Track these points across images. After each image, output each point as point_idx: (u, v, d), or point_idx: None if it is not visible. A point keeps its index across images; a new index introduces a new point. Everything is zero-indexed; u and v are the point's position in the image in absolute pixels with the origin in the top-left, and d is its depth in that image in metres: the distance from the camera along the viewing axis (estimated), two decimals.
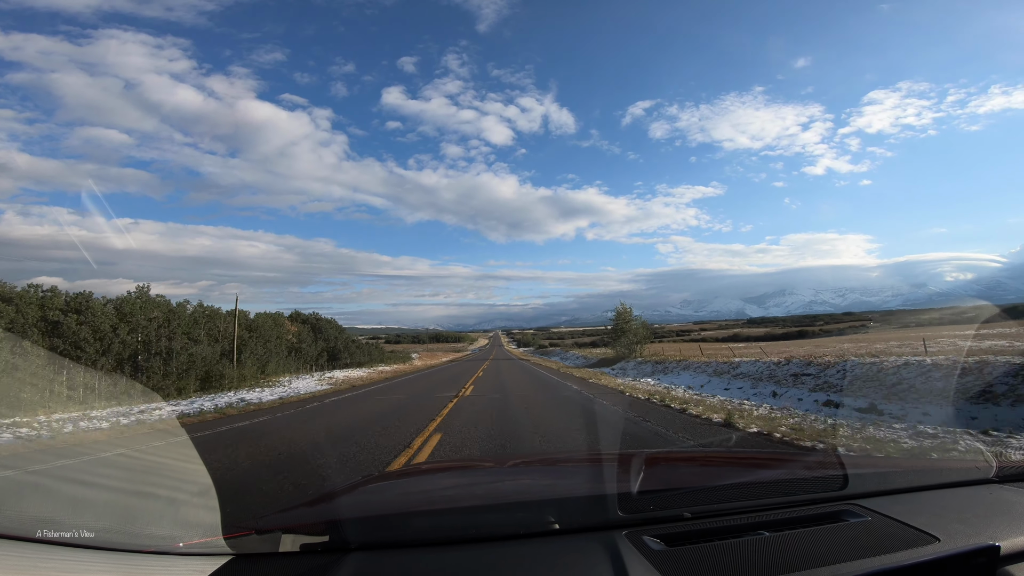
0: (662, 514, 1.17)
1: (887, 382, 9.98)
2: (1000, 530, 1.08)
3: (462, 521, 1.18)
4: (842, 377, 11.59)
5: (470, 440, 6.31)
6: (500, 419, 8.10)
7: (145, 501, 2.91)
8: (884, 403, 9.13)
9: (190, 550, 1.08)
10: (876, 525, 1.13)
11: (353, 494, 1.57)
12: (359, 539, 1.08)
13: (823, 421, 7.44)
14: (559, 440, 6.15)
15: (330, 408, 11.07)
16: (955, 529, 1.08)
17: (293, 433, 7.42)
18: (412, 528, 1.14)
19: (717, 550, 1.03)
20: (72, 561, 0.99)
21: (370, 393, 14.96)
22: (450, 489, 1.66)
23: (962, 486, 1.37)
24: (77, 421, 8.96)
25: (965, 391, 8.26)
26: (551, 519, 1.11)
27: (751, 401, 11.16)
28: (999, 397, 7.74)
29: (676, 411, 8.82)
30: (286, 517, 1.32)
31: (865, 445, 5.53)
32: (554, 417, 8.28)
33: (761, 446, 5.67)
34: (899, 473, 1.47)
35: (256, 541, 1.10)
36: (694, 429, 6.94)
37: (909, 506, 1.22)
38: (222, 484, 4.16)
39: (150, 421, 9.39)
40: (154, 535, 1.23)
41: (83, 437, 7.48)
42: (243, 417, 9.72)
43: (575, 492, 1.41)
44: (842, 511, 1.21)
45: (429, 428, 7.26)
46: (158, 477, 4.15)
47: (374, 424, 7.96)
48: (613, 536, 1.06)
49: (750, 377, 15.34)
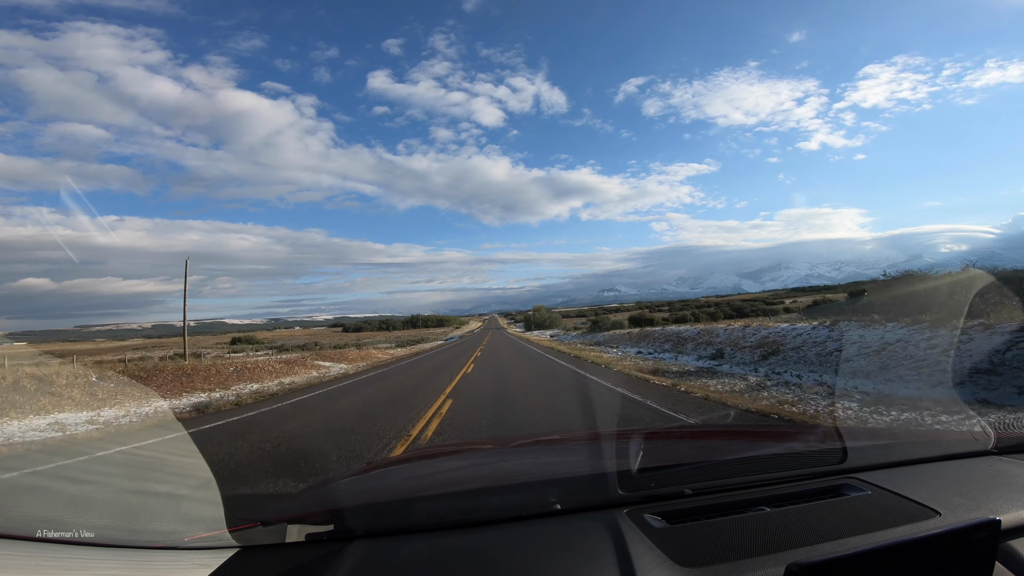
0: (663, 491, 1.17)
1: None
2: (1001, 503, 1.08)
3: (464, 505, 1.18)
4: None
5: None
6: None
7: (145, 497, 2.92)
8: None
9: (196, 544, 1.08)
10: (877, 499, 1.13)
11: (355, 481, 1.58)
12: (363, 527, 1.08)
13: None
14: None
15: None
16: (956, 503, 1.08)
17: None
18: (415, 513, 1.15)
19: (718, 526, 1.03)
20: (78, 559, 0.99)
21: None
22: (451, 473, 1.67)
23: (961, 458, 1.37)
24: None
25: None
26: (552, 500, 1.11)
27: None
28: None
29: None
30: (291, 507, 1.32)
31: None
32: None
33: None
34: (898, 446, 1.47)
35: (262, 533, 1.10)
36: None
37: (909, 479, 1.22)
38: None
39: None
40: (159, 530, 1.23)
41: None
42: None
43: (576, 472, 1.41)
44: (842, 485, 1.21)
45: None
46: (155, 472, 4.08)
47: None
48: (614, 515, 1.07)
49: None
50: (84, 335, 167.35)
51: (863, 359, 9.60)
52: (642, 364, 14.55)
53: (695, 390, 8.59)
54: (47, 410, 9.61)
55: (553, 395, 8.58)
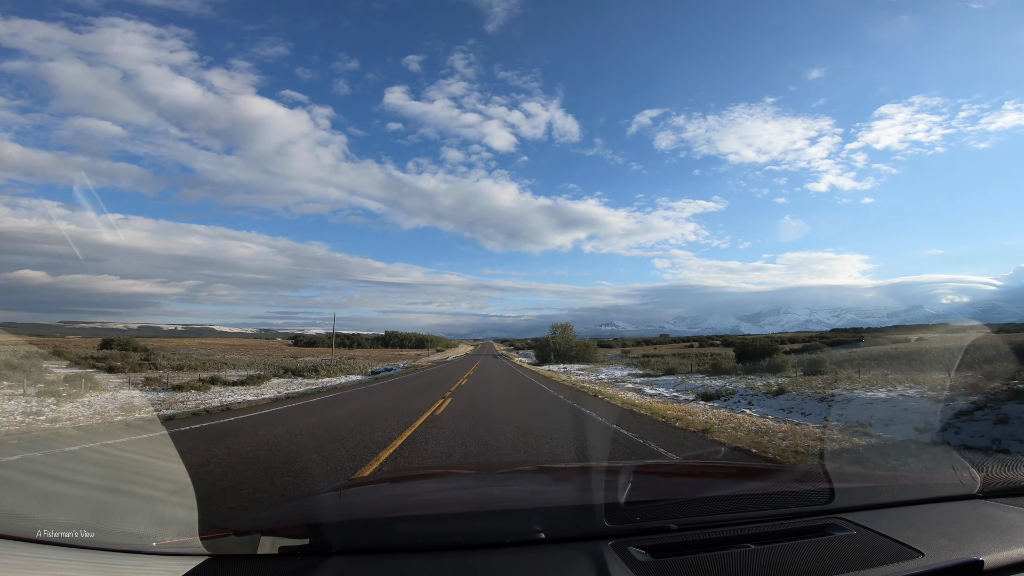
0: (648, 525, 1.16)
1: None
2: (984, 545, 1.08)
3: (446, 527, 1.17)
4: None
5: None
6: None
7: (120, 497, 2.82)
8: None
9: (164, 550, 1.06)
10: (861, 539, 1.13)
11: (336, 496, 1.55)
12: (340, 543, 1.07)
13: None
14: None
15: None
16: (939, 544, 1.09)
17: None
18: (395, 533, 1.14)
19: (702, 562, 1.02)
20: (40, 558, 0.97)
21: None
22: (435, 494, 1.65)
23: (947, 501, 1.38)
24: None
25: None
26: (537, 528, 1.10)
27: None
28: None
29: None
30: (265, 518, 1.30)
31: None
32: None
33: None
34: (885, 488, 1.48)
35: (234, 542, 1.08)
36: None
37: (894, 520, 1.22)
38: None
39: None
40: (127, 533, 1.20)
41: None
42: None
43: (562, 501, 1.40)
44: (828, 524, 1.21)
45: None
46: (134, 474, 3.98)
47: None
48: (599, 546, 1.06)
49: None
50: (66, 331, 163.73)
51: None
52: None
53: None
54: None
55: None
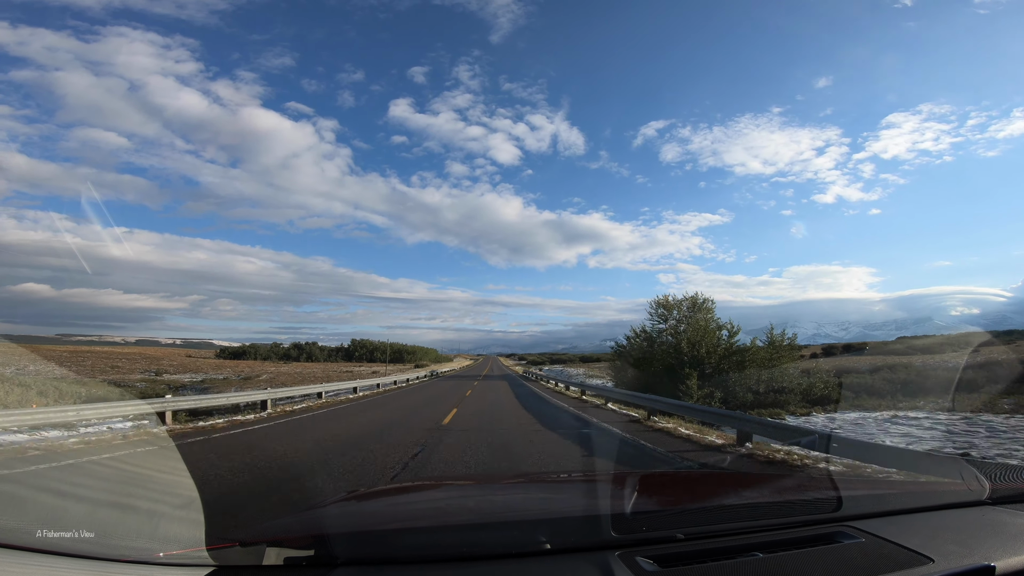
0: (655, 535, 1.16)
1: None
2: (994, 551, 1.07)
3: (452, 539, 1.17)
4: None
5: None
6: None
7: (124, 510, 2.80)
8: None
9: (170, 560, 1.06)
10: (870, 547, 1.12)
11: (341, 507, 1.55)
12: (346, 554, 1.07)
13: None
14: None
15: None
16: (949, 550, 1.08)
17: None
18: (401, 544, 1.14)
19: (710, 571, 1.01)
20: (46, 568, 0.97)
21: None
22: (440, 505, 1.64)
23: (956, 508, 1.37)
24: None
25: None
26: (543, 538, 1.10)
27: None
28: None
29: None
30: (271, 529, 1.30)
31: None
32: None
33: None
34: (893, 495, 1.47)
35: (239, 553, 1.08)
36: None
37: (903, 527, 1.21)
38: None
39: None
40: (133, 546, 1.20)
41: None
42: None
43: (567, 511, 1.39)
44: (836, 532, 1.20)
45: None
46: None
47: None
48: (606, 556, 1.05)
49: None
50: (63, 343, 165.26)
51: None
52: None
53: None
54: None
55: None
